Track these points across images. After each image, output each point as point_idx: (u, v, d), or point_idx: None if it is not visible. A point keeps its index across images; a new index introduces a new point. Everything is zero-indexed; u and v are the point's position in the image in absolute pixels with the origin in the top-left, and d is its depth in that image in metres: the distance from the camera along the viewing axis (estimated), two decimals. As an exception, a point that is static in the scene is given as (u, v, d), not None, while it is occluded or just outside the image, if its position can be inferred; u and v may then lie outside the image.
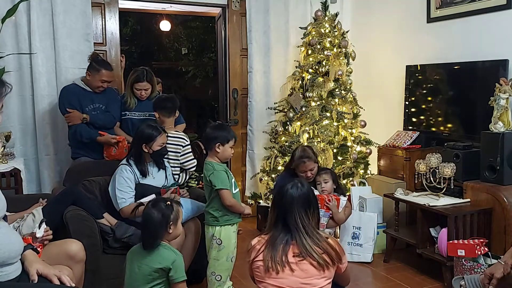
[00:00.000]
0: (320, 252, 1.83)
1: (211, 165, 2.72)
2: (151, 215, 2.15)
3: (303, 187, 1.93)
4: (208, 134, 2.81)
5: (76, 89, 3.46)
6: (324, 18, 4.29)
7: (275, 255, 1.82)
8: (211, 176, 2.68)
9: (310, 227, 1.85)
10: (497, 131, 3.04)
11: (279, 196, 1.94)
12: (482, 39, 3.50)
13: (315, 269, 1.82)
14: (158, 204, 2.19)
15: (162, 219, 2.14)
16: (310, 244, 1.82)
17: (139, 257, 2.15)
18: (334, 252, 1.85)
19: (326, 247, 1.84)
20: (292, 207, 1.86)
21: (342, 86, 4.18)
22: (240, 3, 4.58)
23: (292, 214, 1.85)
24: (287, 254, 1.82)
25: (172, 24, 8.24)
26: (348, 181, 4.05)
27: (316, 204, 1.95)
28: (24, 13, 3.65)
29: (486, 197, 3.01)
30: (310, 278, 1.81)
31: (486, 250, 2.71)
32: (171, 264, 2.11)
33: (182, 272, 2.14)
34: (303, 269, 1.82)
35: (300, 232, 1.83)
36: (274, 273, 1.81)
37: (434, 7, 3.90)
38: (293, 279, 1.81)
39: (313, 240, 1.84)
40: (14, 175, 3.37)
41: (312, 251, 1.81)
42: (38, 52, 3.70)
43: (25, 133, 3.78)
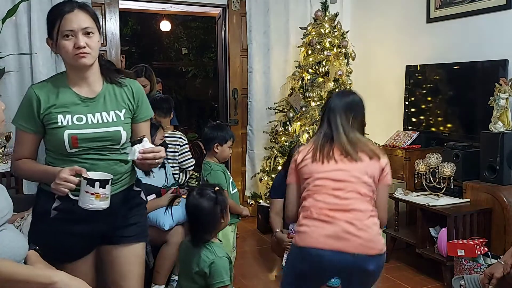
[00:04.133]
0: (359, 150, 1.96)
1: (209, 165, 2.73)
2: (203, 205, 1.94)
3: (348, 96, 2.11)
4: (207, 135, 2.81)
5: None
6: (324, 18, 4.30)
7: (322, 148, 1.99)
8: (208, 176, 2.69)
9: (349, 129, 1.99)
10: (497, 131, 3.04)
11: (327, 100, 2.16)
12: (481, 39, 3.50)
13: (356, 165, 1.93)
14: (205, 192, 1.98)
15: (215, 208, 1.95)
16: (349, 143, 1.96)
17: (187, 255, 1.96)
18: (371, 152, 1.97)
19: (363, 148, 1.97)
20: (335, 110, 2.04)
21: (342, 86, 4.18)
22: (240, 3, 4.58)
23: (334, 116, 2.02)
24: (331, 149, 1.97)
25: (172, 24, 8.24)
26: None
27: (359, 111, 2.07)
28: (24, 13, 3.66)
29: (485, 197, 3.01)
30: (351, 174, 1.92)
31: (486, 250, 2.71)
32: (208, 267, 1.89)
33: (220, 276, 1.88)
34: (345, 163, 1.94)
35: (339, 133, 1.99)
36: (320, 163, 1.95)
37: (434, 7, 3.90)
38: (338, 172, 1.93)
39: (351, 140, 1.97)
40: (14, 175, 3.37)
41: (350, 150, 1.95)
42: (39, 52, 3.70)
43: (26, 133, 3.77)
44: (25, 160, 1.74)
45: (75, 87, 1.70)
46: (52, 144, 1.70)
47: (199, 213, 1.94)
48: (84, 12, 1.64)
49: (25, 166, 1.73)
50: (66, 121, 1.65)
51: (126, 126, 1.74)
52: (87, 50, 1.62)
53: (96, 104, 1.71)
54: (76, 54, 1.62)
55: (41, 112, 1.66)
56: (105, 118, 1.70)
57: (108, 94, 1.73)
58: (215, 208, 1.96)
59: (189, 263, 1.95)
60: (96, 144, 1.68)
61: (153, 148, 1.64)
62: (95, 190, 1.54)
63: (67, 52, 1.64)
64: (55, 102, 1.67)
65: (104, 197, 1.55)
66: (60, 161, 1.68)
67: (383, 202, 1.99)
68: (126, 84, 1.78)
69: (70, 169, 1.55)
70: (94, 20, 1.67)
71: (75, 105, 1.68)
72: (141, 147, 1.62)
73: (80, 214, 1.60)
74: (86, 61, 1.64)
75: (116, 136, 1.71)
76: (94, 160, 1.68)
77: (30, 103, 1.68)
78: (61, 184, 1.52)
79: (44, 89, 1.69)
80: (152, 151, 1.62)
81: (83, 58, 1.63)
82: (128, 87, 1.78)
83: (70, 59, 1.65)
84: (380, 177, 1.95)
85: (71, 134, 1.64)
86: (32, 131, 1.70)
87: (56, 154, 1.70)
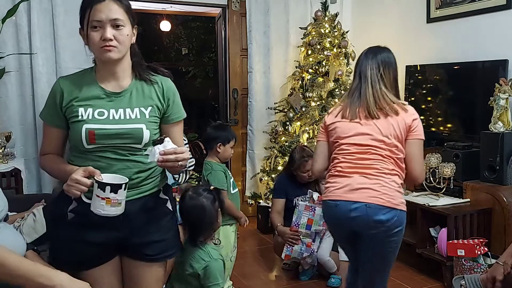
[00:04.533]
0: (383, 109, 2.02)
1: (210, 165, 2.74)
2: (203, 205, 1.94)
3: (380, 50, 2.13)
4: (209, 134, 2.82)
5: None
6: (324, 18, 4.30)
7: (350, 106, 2.07)
8: (209, 175, 2.70)
9: (377, 83, 2.04)
10: (497, 131, 3.04)
11: (360, 54, 2.17)
12: (482, 39, 3.50)
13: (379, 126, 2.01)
14: (200, 192, 1.99)
15: (212, 208, 1.95)
16: (374, 101, 2.03)
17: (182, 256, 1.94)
18: (395, 110, 2.02)
19: (387, 106, 2.02)
20: (366, 62, 2.09)
21: (342, 86, 4.18)
22: (240, 3, 4.58)
23: (365, 68, 2.08)
24: (357, 109, 2.06)
25: (172, 24, 8.24)
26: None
27: (391, 66, 2.10)
28: (24, 13, 3.65)
29: (485, 197, 3.01)
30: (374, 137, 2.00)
31: (486, 250, 2.71)
32: (203, 269, 1.89)
33: (215, 279, 1.89)
34: (369, 126, 2.03)
35: (367, 87, 2.05)
36: (346, 124, 2.06)
37: (434, 7, 3.90)
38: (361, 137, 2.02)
39: (378, 97, 2.03)
40: (14, 175, 3.38)
41: (374, 110, 2.02)
42: (39, 52, 3.70)
43: (26, 133, 3.78)
44: (49, 156, 1.65)
45: (102, 81, 1.60)
46: (72, 140, 1.60)
47: (195, 213, 1.94)
48: (115, 2, 1.52)
49: (48, 162, 1.64)
50: (87, 115, 1.55)
51: (150, 125, 1.60)
52: (114, 43, 1.51)
53: (121, 99, 1.59)
54: (102, 47, 1.51)
55: (63, 105, 1.58)
56: (128, 115, 1.57)
57: (136, 90, 1.62)
58: (212, 208, 1.96)
59: (183, 264, 1.94)
60: (114, 142, 1.56)
61: (175, 149, 1.50)
62: (106, 195, 1.43)
63: (94, 44, 1.53)
64: (78, 95, 1.57)
65: (116, 202, 1.44)
66: (79, 159, 1.59)
67: (414, 157, 2.03)
68: (157, 81, 1.67)
69: (83, 170, 1.47)
70: (126, 12, 1.54)
71: (98, 99, 1.58)
72: (162, 147, 1.48)
73: (93, 219, 1.50)
74: (111, 55, 1.52)
75: (138, 134, 1.57)
76: (111, 159, 1.57)
77: (54, 96, 1.60)
78: (72, 185, 1.45)
79: (69, 82, 1.60)
80: (174, 152, 1.48)
81: (108, 51, 1.51)
82: (159, 84, 1.67)
83: (96, 51, 1.54)
84: (408, 134, 2.02)
85: (88, 128, 1.53)
86: (55, 125, 1.61)
87: (76, 151, 1.61)
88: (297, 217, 3.06)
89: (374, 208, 1.93)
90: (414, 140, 2.03)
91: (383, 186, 1.95)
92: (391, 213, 1.93)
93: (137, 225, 1.61)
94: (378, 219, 1.92)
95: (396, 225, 1.96)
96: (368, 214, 1.93)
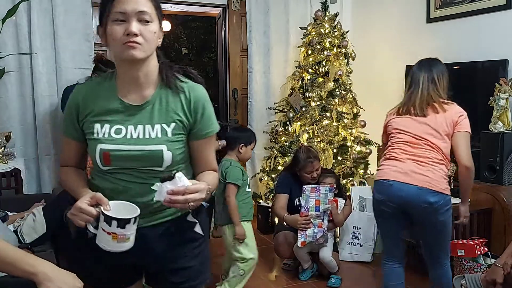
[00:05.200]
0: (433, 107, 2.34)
1: (229, 162, 2.85)
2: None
3: (432, 60, 2.53)
4: (232, 135, 2.98)
5: None
6: (324, 18, 4.30)
7: (404, 106, 2.44)
8: (228, 169, 2.78)
9: (429, 87, 2.38)
10: (497, 131, 3.04)
11: (413, 65, 2.55)
12: (482, 39, 3.50)
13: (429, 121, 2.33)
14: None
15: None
16: (426, 101, 2.36)
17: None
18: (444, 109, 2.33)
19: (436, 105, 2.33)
20: (419, 70, 2.45)
21: (342, 86, 4.18)
22: (240, 3, 4.58)
23: (417, 75, 2.44)
24: (410, 107, 2.40)
25: (172, 24, 8.24)
26: (348, 181, 4.05)
27: (442, 73, 2.45)
28: (24, 13, 3.65)
29: (485, 197, 3.01)
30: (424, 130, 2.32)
31: (486, 250, 2.71)
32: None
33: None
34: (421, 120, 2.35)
35: (419, 90, 2.38)
36: (401, 119, 2.41)
37: (434, 7, 3.90)
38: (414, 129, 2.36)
39: (428, 98, 2.36)
40: (14, 175, 3.38)
41: (424, 108, 2.35)
42: (39, 52, 3.70)
43: (26, 133, 3.78)
44: (67, 170, 1.47)
45: (122, 91, 1.38)
46: (90, 157, 1.43)
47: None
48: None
49: (64, 178, 1.48)
50: (103, 132, 1.36)
51: (172, 145, 1.37)
52: (139, 39, 1.28)
53: (142, 113, 1.37)
54: (125, 43, 1.27)
55: (80, 119, 1.40)
56: (148, 133, 1.36)
57: (159, 101, 1.38)
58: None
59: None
60: (132, 164, 1.36)
61: (187, 188, 1.25)
62: (112, 230, 1.25)
63: (115, 40, 1.28)
64: (93, 108, 1.38)
65: (123, 238, 1.26)
66: (98, 178, 1.43)
67: (460, 146, 2.33)
68: (184, 90, 1.40)
69: (90, 197, 1.28)
70: (155, 7, 1.33)
71: (116, 113, 1.37)
72: (170, 186, 1.26)
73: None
74: (135, 54, 1.28)
75: (157, 157, 1.35)
76: (129, 182, 1.38)
77: (70, 107, 1.41)
78: (76, 215, 1.26)
79: (85, 91, 1.41)
80: (184, 192, 1.24)
81: (132, 49, 1.28)
82: (186, 94, 1.40)
83: (118, 49, 1.30)
84: (455, 128, 2.33)
85: (103, 149, 1.35)
86: (73, 137, 1.43)
87: (96, 169, 1.43)
88: (305, 202, 3.06)
89: (425, 191, 2.23)
90: (459, 132, 2.33)
91: (433, 173, 2.26)
92: (438, 197, 2.24)
93: (158, 253, 1.43)
94: (427, 200, 2.23)
95: (442, 206, 2.26)
96: (419, 195, 2.24)
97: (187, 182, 1.27)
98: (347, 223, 3.51)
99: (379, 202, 2.42)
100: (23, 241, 2.59)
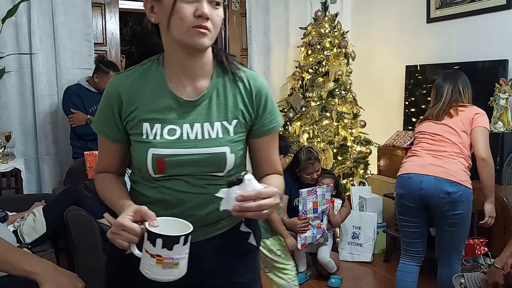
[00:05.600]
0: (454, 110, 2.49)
1: None
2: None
3: (456, 72, 2.69)
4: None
5: (79, 90, 3.48)
6: (324, 18, 4.30)
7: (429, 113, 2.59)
8: None
9: (452, 95, 2.52)
10: (497, 131, 3.04)
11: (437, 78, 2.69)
12: (482, 39, 3.50)
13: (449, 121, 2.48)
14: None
15: None
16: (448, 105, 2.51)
17: None
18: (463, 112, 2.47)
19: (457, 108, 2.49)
20: (444, 82, 2.58)
21: (342, 86, 4.18)
22: (240, 3, 4.58)
23: (441, 87, 2.57)
24: (433, 112, 2.55)
25: (172, 24, 8.26)
26: (348, 181, 4.05)
27: (465, 83, 2.59)
28: (24, 13, 3.65)
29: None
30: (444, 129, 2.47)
31: (486, 250, 2.71)
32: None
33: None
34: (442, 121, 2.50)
35: (442, 100, 2.53)
36: (425, 123, 2.57)
37: (434, 7, 3.90)
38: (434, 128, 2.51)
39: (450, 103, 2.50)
40: (14, 175, 3.37)
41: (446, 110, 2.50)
42: (39, 52, 3.70)
43: (26, 133, 3.78)
44: (104, 177, 1.25)
45: (173, 83, 1.17)
46: (135, 161, 1.21)
47: None
48: None
49: (101, 187, 1.26)
50: (154, 133, 1.15)
51: (235, 146, 1.18)
52: (210, 25, 1.09)
53: (198, 110, 1.17)
54: (195, 26, 1.07)
55: (123, 116, 1.18)
56: (207, 133, 1.16)
57: (216, 95, 1.18)
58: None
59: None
60: (189, 170, 1.16)
61: (259, 192, 1.03)
62: (156, 251, 0.99)
63: (183, 20, 1.07)
64: (139, 104, 1.17)
65: (170, 263, 1.00)
66: (142, 185, 1.21)
67: (478, 139, 2.43)
68: (243, 78, 1.20)
69: (134, 211, 1.05)
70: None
71: (169, 111, 1.16)
72: (239, 191, 1.02)
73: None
74: (205, 42, 1.10)
75: (219, 160, 1.16)
76: (182, 193, 1.16)
77: (109, 102, 1.19)
78: (117, 234, 1.04)
79: (130, 82, 1.18)
80: (257, 197, 1.02)
81: (202, 36, 1.08)
82: (246, 84, 1.20)
83: (183, 31, 1.08)
84: (472, 124, 2.43)
85: (157, 155, 1.13)
86: (112, 139, 1.21)
87: (139, 175, 1.22)
88: (303, 205, 3.05)
89: (443, 181, 2.33)
90: (476, 128, 2.42)
91: (451, 165, 2.36)
92: (456, 187, 2.32)
93: (211, 270, 1.23)
94: (445, 190, 2.32)
95: (461, 198, 2.34)
96: (437, 185, 2.33)
97: (258, 185, 1.05)
98: (347, 223, 3.51)
99: (401, 196, 2.50)
100: (23, 241, 2.59)
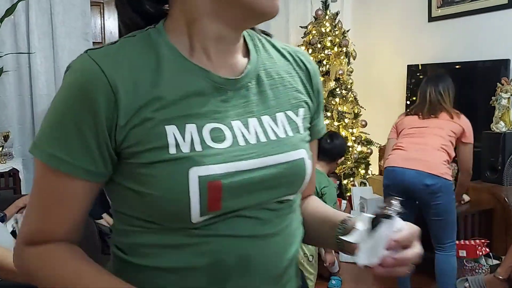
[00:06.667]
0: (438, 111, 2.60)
1: (326, 178, 2.76)
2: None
3: (440, 75, 2.80)
4: (336, 145, 2.88)
5: None
6: (324, 17, 4.28)
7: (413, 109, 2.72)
8: (326, 188, 2.69)
9: (435, 97, 2.60)
10: (499, 131, 3.03)
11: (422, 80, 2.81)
12: (483, 38, 3.48)
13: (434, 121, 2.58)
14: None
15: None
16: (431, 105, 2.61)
17: None
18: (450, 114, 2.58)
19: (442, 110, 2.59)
20: (426, 84, 2.69)
21: (342, 86, 4.16)
22: (240, 2, 4.56)
23: (424, 89, 2.68)
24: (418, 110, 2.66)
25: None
26: (349, 182, 4.03)
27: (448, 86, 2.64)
28: (22, 12, 3.63)
29: (487, 197, 2.99)
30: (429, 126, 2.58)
31: (487, 251, 2.70)
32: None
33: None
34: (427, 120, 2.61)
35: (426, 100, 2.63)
36: (410, 119, 2.68)
37: (435, 6, 3.88)
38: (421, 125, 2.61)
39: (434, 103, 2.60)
40: (12, 175, 3.35)
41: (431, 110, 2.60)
42: (37, 52, 3.68)
43: (24, 133, 3.76)
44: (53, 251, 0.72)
45: (195, 57, 0.72)
46: (143, 206, 0.69)
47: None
48: None
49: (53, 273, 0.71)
50: (189, 141, 0.66)
51: (308, 148, 0.79)
52: None
53: (246, 96, 0.74)
54: None
55: (120, 124, 0.66)
56: (271, 131, 0.73)
57: (265, 73, 0.77)
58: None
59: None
60: (258, 198, 0.70)
61: (409, 233, 0.68)
62: None
63: None
64: (154, 93, 0.67)
65: None
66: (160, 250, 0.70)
67: (470, 157, 2.62)
68: (290, 52, 0.83)
69: None
70: None
71: (201, 98, 0.69)
72: (387, 231, 0.66)
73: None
74: (279, 6, 0.80)
75: (299, 172, 0.75)
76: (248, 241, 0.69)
77: (85, 102, 0.65)
78: None
79: (123, 60, 0.70)
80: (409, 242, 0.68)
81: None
82: (297, 59, 0.83)
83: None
84: (462, 138, 2.57)
85: (206, 177, 0.65)
86: (89, 174, 0.69)
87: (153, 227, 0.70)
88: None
89: (423, 174, 2.44)
90: (469, 144, 2.61)
91: (433, 157, 2.47)
92: (435, 179, 2.43)
93: None
94: (424, 183, 2.43)
95: (440, 189, 2.44)
96: (417, 178, 2.45)
97: (401, 222, 0.68)
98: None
99: (386, 187, 2.63)
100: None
